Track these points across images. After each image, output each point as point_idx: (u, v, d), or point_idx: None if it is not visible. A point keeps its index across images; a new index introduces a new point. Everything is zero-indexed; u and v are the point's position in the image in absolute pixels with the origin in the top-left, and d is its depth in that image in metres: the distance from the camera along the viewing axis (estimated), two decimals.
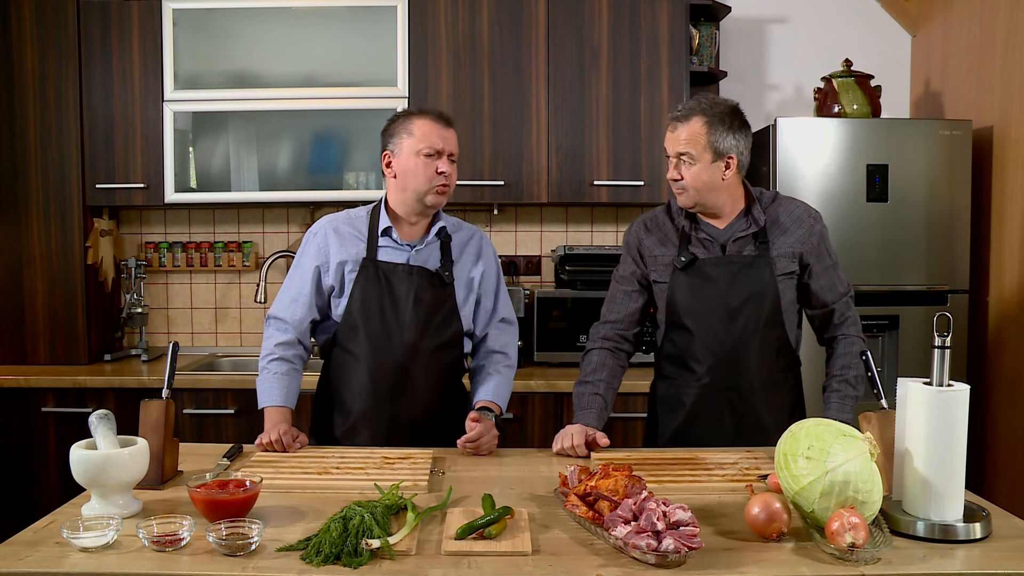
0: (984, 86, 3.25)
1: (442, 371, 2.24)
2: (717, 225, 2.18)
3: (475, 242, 2.30)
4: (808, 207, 2.23)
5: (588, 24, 3.30)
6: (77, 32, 3.32)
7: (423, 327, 2.19)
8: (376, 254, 2.20)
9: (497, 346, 2.32)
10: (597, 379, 2.20)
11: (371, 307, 2.18)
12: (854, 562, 1.40)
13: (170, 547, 1.45)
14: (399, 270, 2.19)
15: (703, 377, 2.17)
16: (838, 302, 2.21)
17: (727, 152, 2.09)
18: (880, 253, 3.14)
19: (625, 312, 2.26)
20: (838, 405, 2.15)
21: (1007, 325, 3.12)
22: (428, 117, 2.18)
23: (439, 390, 2.25)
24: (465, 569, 1.39)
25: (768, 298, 2.13)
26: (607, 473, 1.60)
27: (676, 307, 2.18)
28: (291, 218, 3.73)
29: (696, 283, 2.15)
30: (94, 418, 1.69)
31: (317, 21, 3.32)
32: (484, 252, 2.31)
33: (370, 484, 1.78)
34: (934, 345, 1.55)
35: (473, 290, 2.27)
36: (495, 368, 2.30)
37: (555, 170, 3.33)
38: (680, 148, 2.10)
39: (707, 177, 2.09)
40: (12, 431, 3.17)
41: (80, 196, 3.36)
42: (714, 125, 2.08)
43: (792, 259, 2.16)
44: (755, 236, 2.15)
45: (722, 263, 2.14)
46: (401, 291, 2.18)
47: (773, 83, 3.76)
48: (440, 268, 2.21)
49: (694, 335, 2.16)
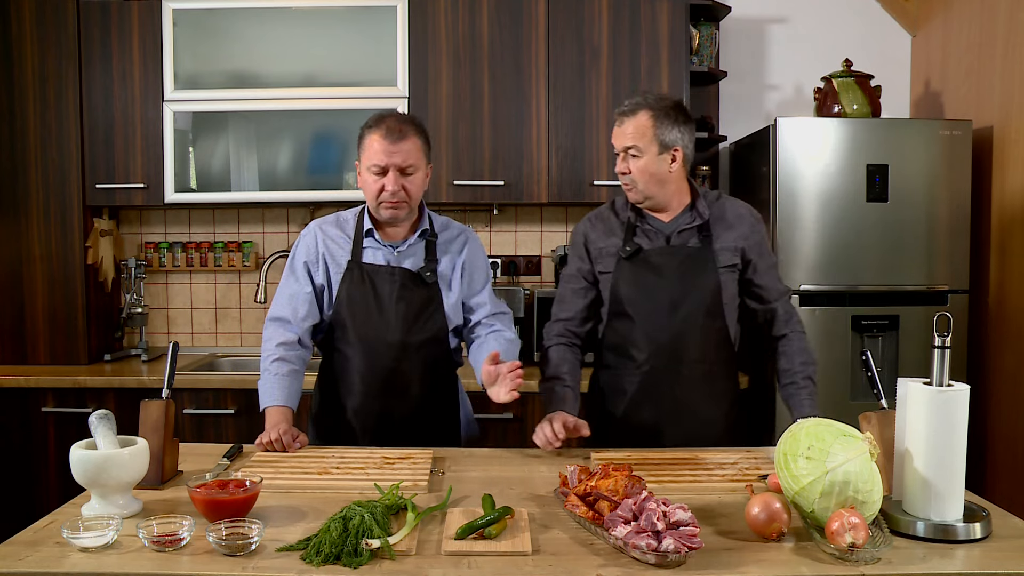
0: (984, 86, 3.25)
1: (429, 367, 2.26)
2: (662, 218, 2.23)
3: (460, 241, 2.32)
4: (751, 208, 2.28)
5: (588, 24, 3.30)
6: (77, 32, 3.32)
7: (408, 326, 2.21)
8: (361, 256, 2.23)
9: (499, 325, 2.32)
10: (562, 373, 2.22)
11: (357, 307, 2.21)
12: (854, 562, 1.40)
13: (170, 547, 1.45)
14: (382, 271, 2.22)
15: (643, 365, 2.20)
16: (780, 300, 2.26)
17: (673, 145, 2.15)
18: (880, 253, 3.14)
19: (576, 309, 2.29)
20: (810, 402, 2.17)
21: (1007, 325, 3.12)
22: (378, 132, 2.17)
23: (430, 387, 2.27)
24: (465, 569, 1.39)
25: (710, 289, 2.18)
26: (607, 473, 1.60)
27: (620, 296, 2.21)
28: (291, 218, 3.73)
29: (640, 272, 2.19)
30: (94, 418, 1.69)
31: (317, 21, 3.32)
32: (468, 249, 2.31)
33: (370, 484, 1.78)
34: (934, 345, 1.55)
35: (455, 288, 2.28)
36: (496, 339, 2.28)
37: (555, 170, 3.33)
38: (627, 142, 2.15)
39: (654, 169, 2.15)
40: (12, 431, 3.17)
41: (80, 196, 3.36)
42: (660, 119, 2.14)
43: (734, 253, 2.20)
44: (699, 229, 2.20)
45: (666, 253, 2.19)
46: (385, 292, 2.21)
47: (773, 83, 3.76)
48: (422, 268, 2.23)
49: (636, 323, 2.20)
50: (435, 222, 2.31)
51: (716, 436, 2.21)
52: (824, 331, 3.12)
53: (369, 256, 2.24)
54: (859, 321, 3.14)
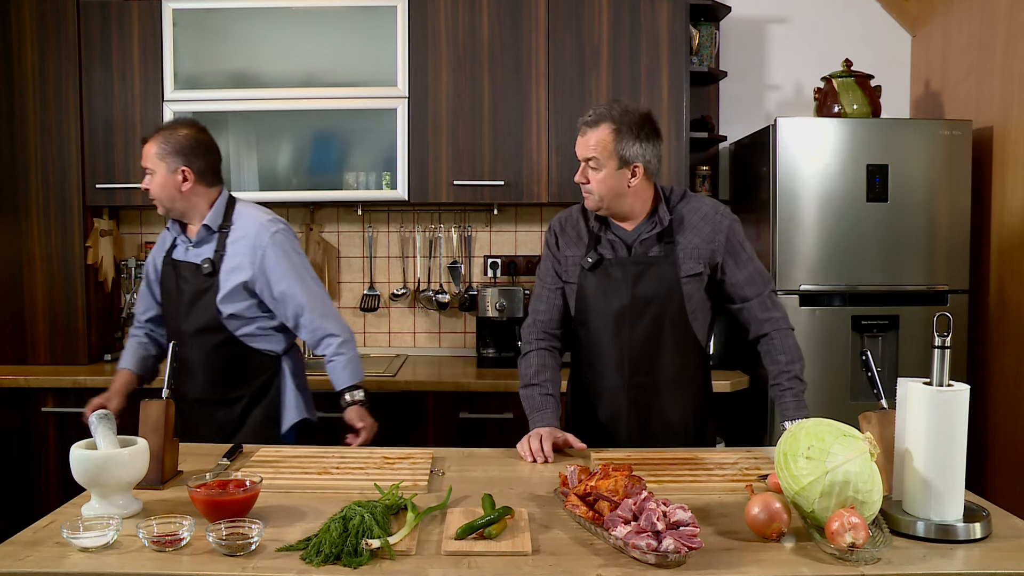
0: (984, 86, 3.25)
1: (209, 352, 2.40)
2: (626, 227, 2.21)
3: (249, 239, 2.39)
4: (717, 204, 2.24)
5: (588, 24, 3.30)
6: (77, 32, 3.32)
7: (184, 314, 2.41)
8: (172, 252, 2.48)
9: (321, 333, 2.42)
10: (543, 380, 2.23)
11: (164, 298, 2.50)
12: (854, 562, 1.40)
13: (170, 547, 1.45)
14: (178, 264, 2.45)
15: (611, 375, 2.20)
16: (759, 296, 2.21)
17: (633, 161, 2.12)
18: (880, 253, 3.14)
19: (552, 309, 2.29)
20: (795, 403, 2.15)
21: (1007, 325, 3.12)
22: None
23: (212, 370, 2.41)
24: (465, 569, 1.39)
25: (673, 299, 2.16)
26: (607, 473, 1.60)
27: (585, 307, 2.22)
28: (291, 218, 3.73)
29: (602, 283, 2.19)
30: (94, 418, 1.69)
31: (317, 21, 3.32)
32: (255, 248, 2.38)
33: (370, 484, 1.78)
34: (934, 345, 1.55)
35: (236, 280, 2.37)
36: (329, 355, 2.43)
37: (555, 170, 3.33)
38: (587, 153, 2.13)
39: (612, 183, 2.13)
40: (12, 431, 3.17)
41: (80, 196, 3.37)
42: (621, 133, 2.11)
43: (697, 261, 2.17)
44: (660, 236, 2.17)
45: (627, 263, 2.18)
46: (172, 283, 2.45)
47: (773, 83, 3.76)
48: (203, 260, 2.39)
49: (600, 334, 2.20)
50: (237, 216, 2.42)
51: (686, 437, 2.22)
52: (824, 331, 3.12)
53: (176, 252, 2.48)
54: (859, 321, 3.14)
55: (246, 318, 2.39)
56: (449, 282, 3.69)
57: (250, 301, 2.39)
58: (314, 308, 2.39)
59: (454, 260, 3.70)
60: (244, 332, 2.40)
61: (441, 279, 3.71)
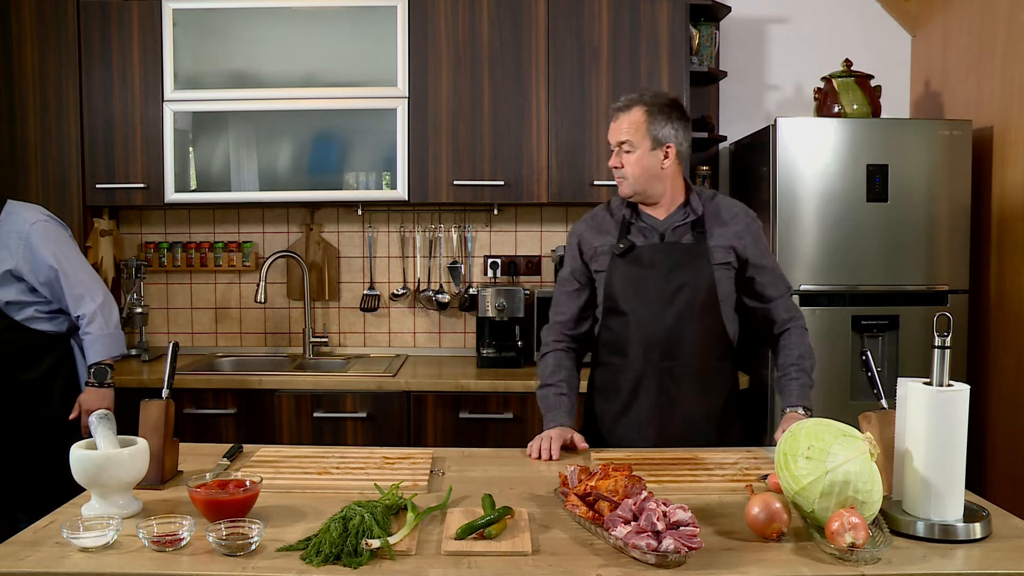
0: (984, 86, 3.25)
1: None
2: (657, 215, 2.24)
3: (15, 236, 2.68)
4: (745, 207, 2.29)
5: (588, 24, 3.30)
6: (77, 32, 3.32)
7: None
8: None
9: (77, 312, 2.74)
10: (558, 380, 2.25)
11: None
12: (854, 562, 1.40)
13: (170, 547, 1.45)
14: None
15: (637, 361, 2.20)
16: (781, 298, 2.26)
17: (666, 141, 2.17)
18: (880, 253, 3.14)
19: (570, 312, 2.31)
20: (799, 392, 2.18)
21: (1007, 325, 3.12)
22: None
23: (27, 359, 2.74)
24: (465, 569, 1.39)
25: (704, 286, 2.18)
26: (607, 473, 1.60)
27: (614, 292, 2.22)
28: (291, 218, 3.73)
29: (634, 269, 2.20)
30: (94, 418, 1.69)
31: (317, 21, 3.32)
32: (23, 243, 2.68)
33: (370, 484, 1.78)
34: (934, 345, 1.55)
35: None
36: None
37: (555, 170, 3.33)
38: (621, 137, 2.19)
39: (646, 164, 2.17)
40: None
41: (80, 196, 3.37)
42: (653, 115, 2.17)
43: (728, 251, 2.20)
44: (693, 225, 2.20)
45: (660, 250, 2.20)
46: None
47: (773, 83, 3.76)
48: None
49: (630, 320, 2.20)
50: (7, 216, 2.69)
51: (710, 432, 2.21)
52: (824, 331, 3.12)
53: None
54: (859, 321, 3.14)
55: (23, 303, 2.69)
56: (449, 282, 3.69)
57: (20, 285, 2.67)
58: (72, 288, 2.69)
59: (454, 260, 3.70)
60: (23, 316, 2.70)
61: (441, 279, 3.71)
